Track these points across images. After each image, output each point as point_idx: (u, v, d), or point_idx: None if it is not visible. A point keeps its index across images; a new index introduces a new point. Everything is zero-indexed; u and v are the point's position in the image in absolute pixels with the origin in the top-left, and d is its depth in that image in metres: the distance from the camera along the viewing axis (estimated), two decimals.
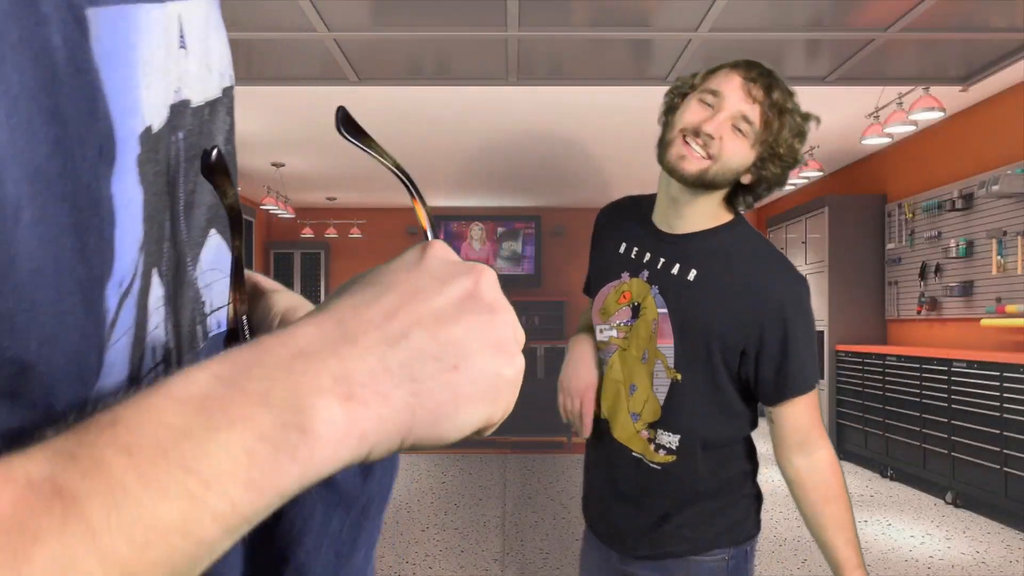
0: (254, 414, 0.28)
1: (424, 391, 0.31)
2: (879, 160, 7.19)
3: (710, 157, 1.35)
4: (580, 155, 7.08)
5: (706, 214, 1.44)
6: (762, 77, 1.36)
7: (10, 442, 0.26)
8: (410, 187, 0.40)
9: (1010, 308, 5.09)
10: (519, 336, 0.35)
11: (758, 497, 1.52)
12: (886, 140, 5.99)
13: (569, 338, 1.68)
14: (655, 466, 1.45)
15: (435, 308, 0.33)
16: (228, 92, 0.46)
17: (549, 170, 7.91)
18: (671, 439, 1.43)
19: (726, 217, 1.46)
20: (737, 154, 1.36)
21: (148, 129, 0.35)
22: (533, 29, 4.08)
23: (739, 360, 1.40)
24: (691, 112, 1.37)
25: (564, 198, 9.54)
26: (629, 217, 1.56)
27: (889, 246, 6.90)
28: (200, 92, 0.41)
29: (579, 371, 1.53)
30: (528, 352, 10.13)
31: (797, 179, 7.07)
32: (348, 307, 0.32)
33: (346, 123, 0.39)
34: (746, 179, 1.42)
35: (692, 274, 1.43)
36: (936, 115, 5.14)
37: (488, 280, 0.34)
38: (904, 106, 5.27)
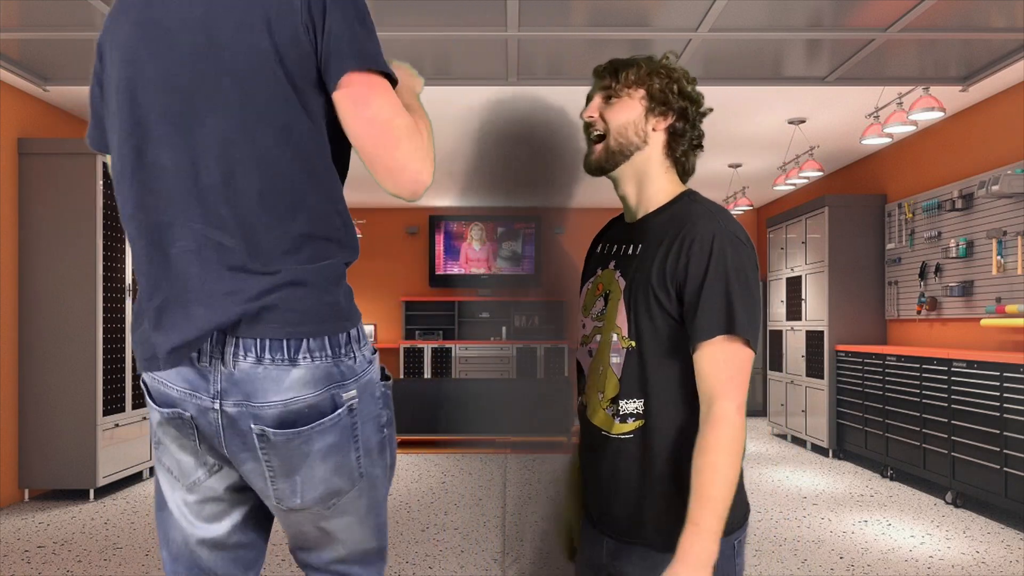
0: None
1: None
2: (879, 160, 7.19)
3: (603, 134, 1.51)
4: (580, 155, 7.08)
5: (654, 191, 1.51)
6: (606, 67, 1.54)
7: None
8: None
9: (1010, 308, 5.09)
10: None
11: (739, 489, 1.43)
12: (886, 140, 5.99)
13: (568, 338, 1.71)
14: (626, 436, 1.44)
15: None
16: None
17: (549, 170, 7.89)
18: (636, 404, 1.43)
19: (677, 190, 1.52)
20: (620, 111, 1.49)
21: None
22: (533, 29, 4.08)
23: (680, 306, 1.39)
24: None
25: (564, 198, 9.54)
26: (610, 227, 1.66)
27: (889, 246, 6.90)
28: None
29: None
30: (528, 352, 10.15)
31: (797, 179, 7.07)
32: None
33: None
34: (660, 125, 1.49)
35: (639, 248, 1.48)
36: (936, 115, 5.14)
37: None
38: (904, 106, 5.27)
